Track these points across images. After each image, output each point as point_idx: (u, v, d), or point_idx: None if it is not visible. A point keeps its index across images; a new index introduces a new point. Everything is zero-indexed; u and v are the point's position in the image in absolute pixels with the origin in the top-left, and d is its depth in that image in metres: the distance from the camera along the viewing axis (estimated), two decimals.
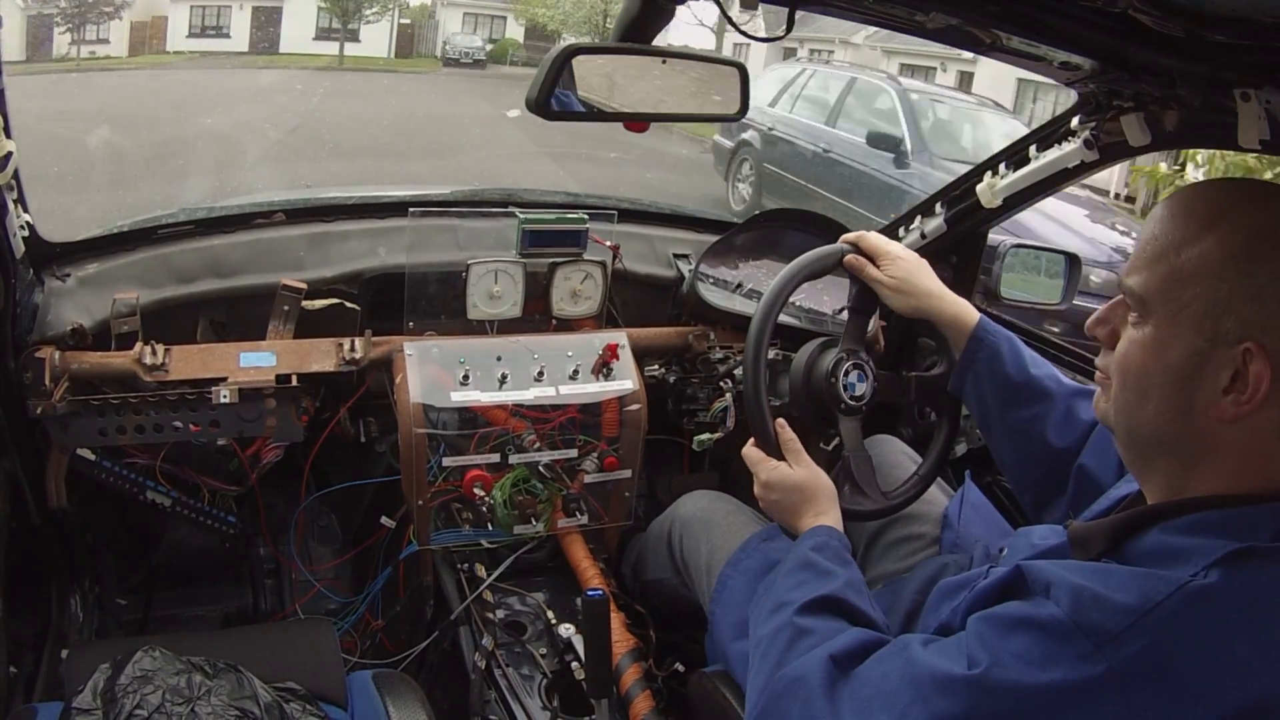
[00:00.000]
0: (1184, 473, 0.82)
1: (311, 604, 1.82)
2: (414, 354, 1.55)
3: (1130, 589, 0.75)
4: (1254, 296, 0.75)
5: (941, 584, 1.11)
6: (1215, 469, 0.80)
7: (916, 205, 1.86)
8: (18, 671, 1.46)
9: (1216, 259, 0.77)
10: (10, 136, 1.25)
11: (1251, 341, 0.75)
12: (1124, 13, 0.94)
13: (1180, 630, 0.73)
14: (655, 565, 1.56)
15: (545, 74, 1.06)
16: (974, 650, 0.80)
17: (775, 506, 1.25)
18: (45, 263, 1.46)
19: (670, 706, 1.43)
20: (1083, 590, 0.76)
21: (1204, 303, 0.77)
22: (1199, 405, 0.78)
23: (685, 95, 1.19)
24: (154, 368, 1.44)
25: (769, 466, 1.26)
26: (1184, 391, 0.79)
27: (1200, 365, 0.78)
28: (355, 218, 1.70)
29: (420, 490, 1.54)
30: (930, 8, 1.07)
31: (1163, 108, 1.27)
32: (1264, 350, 0.74)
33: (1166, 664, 0.73)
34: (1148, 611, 0.73)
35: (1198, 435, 0.79)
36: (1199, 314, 0.78)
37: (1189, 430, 0.80)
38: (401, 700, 1.25)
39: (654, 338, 1.78)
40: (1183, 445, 0.81)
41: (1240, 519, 0.76)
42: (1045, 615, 0.77)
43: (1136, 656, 0.73)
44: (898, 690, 0.84)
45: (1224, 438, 0.78)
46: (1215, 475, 0.80)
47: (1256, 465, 0.78)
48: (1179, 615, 0.73)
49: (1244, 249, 0.76)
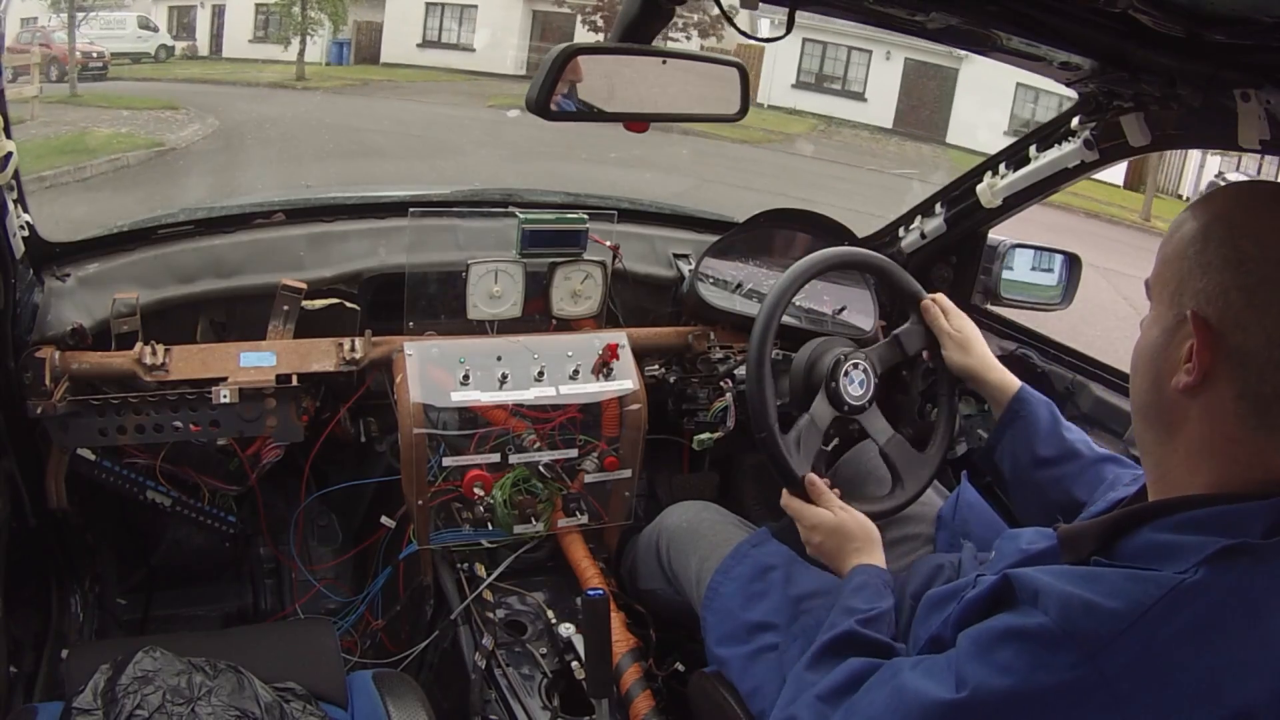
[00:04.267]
0: (1162, 451, 0.84)
1: (311, 604, 1.82)
2: (414, 354, 1.55)
3: (1120, 594, 0.75)
4: (1203, 269, 0.79)
5: (929, 595, 1.12)
6: (1190, 450, 0.81)
7: (916, 205, 1.86)
8: (18, 671, 1.46)
9: (1185, 239, 0.82)
10: (10, 136, 1.25)
11: (1191, 309, 0.79)
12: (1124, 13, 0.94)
13: (1173, 633, 0.73)
14: (647, 575, 1.57)
15: (545, 74, 1.06)
16: (962, 668, 0.81)
17: (821, 550, 1.30)
18: (45, 263, 1.46)
19: (670, 706, 1.43)
20: (1072, 598, 0.76)
21: (1175, 280, 0.82)
22: (1164, 375, 0.82)
23: (685, 96, 1.19)
24: (154, 368, 1.44)
25: (810, 513, 1.31)
26: (1155, 363, 0.83)
27: (1169, 339, 0.82)
28: (355, 218, 1.70)
29: (420, 490, 1.54)
30: (930, 8, 1.07)
31: (1163, 108, 1.27)
32: (1198, 318, 0.78)
33: (1161, 669, 0.73)
34: (1139, 616, 0.73)
35: (1167, 407, 0.82)
36: (1172, 291, 0.82)
37: (1160, 401, 0.83)
38: (401, 700, 1.25)
39: (654, 338, 1.78)
40: (1158, 418, 0.84)
41: (1230, 516, 0.77)
42: (1034, 625, 0.77)
43: (1129, 665, 0.73)
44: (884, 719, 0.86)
45: (1187, 412, 0.81)
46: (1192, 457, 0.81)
47: (1221, 449, 0.79)
48: (1170, 618, 0.73)
49: (1203, 229, 0.81)
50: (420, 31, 17.89)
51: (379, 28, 17.51)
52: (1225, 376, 0.78)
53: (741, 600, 1.30)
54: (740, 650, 1.25)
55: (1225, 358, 0.77)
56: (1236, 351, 0.77)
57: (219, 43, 16.57)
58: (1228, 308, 0.77)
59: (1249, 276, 0.77)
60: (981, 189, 1.67)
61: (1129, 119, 1.33)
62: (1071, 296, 1.87)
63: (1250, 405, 0.77)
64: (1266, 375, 0.76)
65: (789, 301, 1.39)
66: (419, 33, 17.86)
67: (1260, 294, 0.76)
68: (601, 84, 1.10)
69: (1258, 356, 0.76)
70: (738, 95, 1.19)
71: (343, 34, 16.75)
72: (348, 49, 17.02)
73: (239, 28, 16.61)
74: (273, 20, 16.13)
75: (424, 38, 17.94)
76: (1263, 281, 0.76)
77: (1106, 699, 0.73)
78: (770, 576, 1.31)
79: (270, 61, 15.08)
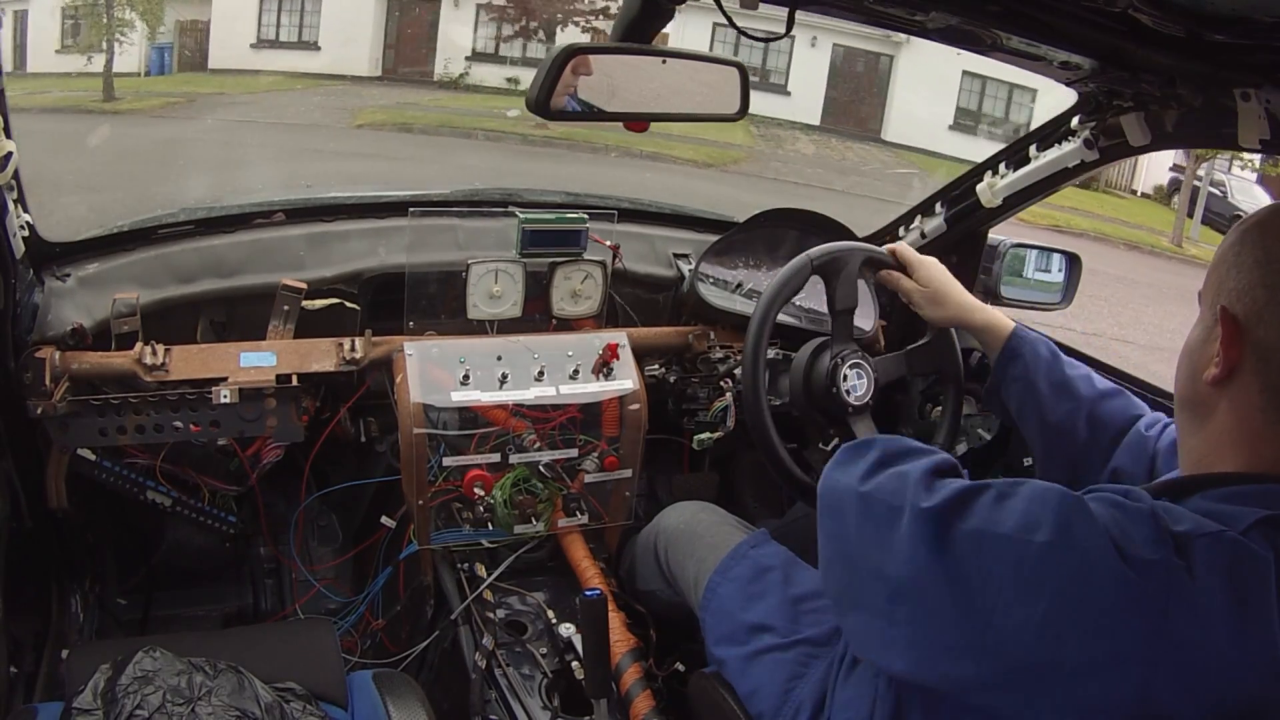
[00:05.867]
0: (1195, 440, 0.87)
1: (312, 604, 1.82)
2: (414, 354, 1.55)
3: (1184, 520, 0.77)
4: (1237, 270, 0.83)
5: None
6: (1219, 439, 0.84)
7: (916, 205, 1.86)
8: (18, 671, 1.46)
9: (1227, 247, 0.87)
10: (10, 136, 1.25)
11: (1221, 305, 0.83)
12: (1124, 12, 0.94)
13: (1222, 569, 0.74)
14: (645, 576, 1.57)
15: (545, 74, 1.06)
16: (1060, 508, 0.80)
17: None
18: (45, 263, 1.46)
19: (670, 706, 1.43)
20: (1155, 505, 0.79)
21: (1215, 283, 0.86)
22: (1199, 369, 0.86)
23: (685, 95, 1.19)
24: (154, 368, 1.44)
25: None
26: (1193, 358, 0.87)
27: (1206, 335, 0.86)
28: (355, 217, 1.70)
29: (420, 490, 1.54)
30: (930, 7, 1.07)
31: (1163, 107, 1.27)
32: (1226, 313, 0.82)
33: (1207, 591, 0.74)
34: (1201, 535, 0.75)
35: (1201, 399, 0.86)
36: (1212, 293, 0.86)
37: (1195, 393, 0.87)
38: (402, 700, 1.25)
39: (654, 337, 1.78)
40: (1193, 409, 0.88)
41: (1270, 493, 0.80)
42: (1130, 501, 0.79)
43: (1186, 569, 0.74)
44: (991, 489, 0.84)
45: (1217, 404, 0.84)
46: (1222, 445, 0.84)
47: (1246, 440, 0.82)
48: (1223, 556, 0.75)
49: (1241, 236, 0.85)
50: (255, 29, 14.96)
51: (205, 27, 14.27)
52: (1250, 370, 0.81)
53: (740, 601, 1.29)
54: (739, 651, 1.25)
55: (1250, 352, 0.81)
56: (1259, 346, 0.80)
57: (23, 54, 12.25)
58: (1253, 304, 0.81)
59: (1273, 275, 0.80)
60: (981, 188, 1.67)
61: (1129, 119, 1.33)
62: (1072, 296, 1.87)
63: (1272, 398, 0.80)
64: None
65: (787, 297, 1.38)
66: (253, 31, 14.96)
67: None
68: (601, 83, 1.10)
69: (1277, 350, 0.79)
70: (738, 95, 1.20)
71: (163, 37, 13.71)
72: (169, 55, 13.90)
73: (45, 35, 12.74)
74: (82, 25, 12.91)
75: (259, 36, 15.04)
76: None
77: (1160, 584, 0.73)
78: (769, 577, 1.31)
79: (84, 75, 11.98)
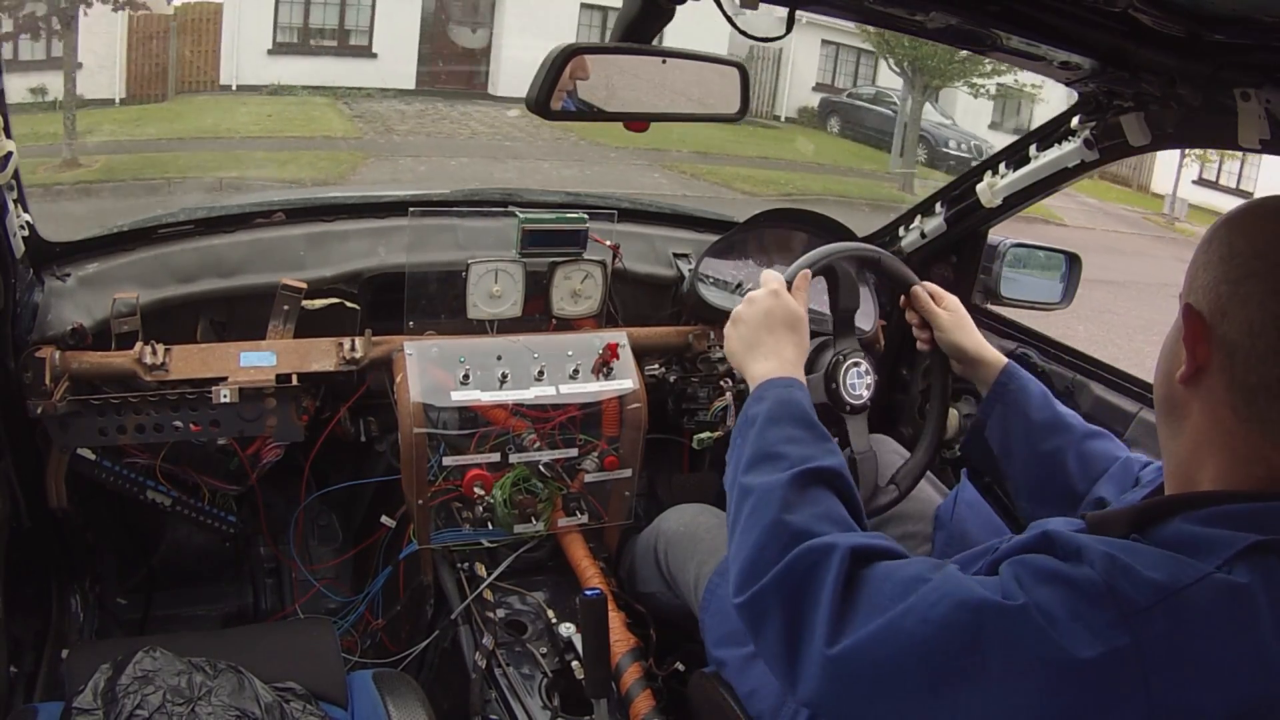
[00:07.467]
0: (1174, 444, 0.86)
1: (311, 603, 1.82)
2: (414, 354, 1.55)
3: (1159, 567, 0.75)
4: (1204, 267, 0.83)
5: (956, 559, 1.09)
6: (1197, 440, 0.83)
7: (916, 204, 1.86)
8: (18, 671, 1.46)
9: (1200, 246, 0.86)
10: (10, 136, 1.25)
11: (1187, 302, 0.83)
12: (1124, 12, 0.94)
13: (1204, 617, 0.73)
14: (645, 579, 1.57)
15: (545, 73, 1.06)
16: (1008, 587, 0.78)
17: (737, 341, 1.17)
18: (45, 263, 1.46)
19: (670, 706, 1.43)
20: (1115, 560, 0.76)
21: (1189, 280, 0.85)
22: (1172, 369, 0.85)
23: (685, 95, 1.19)
24: (154, 367, 1.44)
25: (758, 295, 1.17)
26: (1167, 359, 0.87)
27: (1178, 335, 0.85)
28: (355, 217, 1.70)
29: (420, 490, 1.54)
30: (930, 8, 1.07)
31: (1163, 107, 1.27)
32: (1191, 310, 0.82)
33: (1189, 649, 0.73)
34: (1176, 592, 0.73)
35: (1175, 400, 0.85)
36: (1185, 293, 0.85)
37: (1170, 394, 0.86)
38: (402, 700, 1.26)
39: (654, 337, 1.78)
40: (1168, 410, 0.87)
41: (1257, 514, 0.78)
42: (1080, 575, 0.76)
43: (1161, 636, 0.73)
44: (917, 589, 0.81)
45: (1190, 404, 0.83)
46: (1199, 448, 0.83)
47: (1220, 440, 0.81)
48: (1203, 603, 0.73)
49: (1211, 233, 0.85)
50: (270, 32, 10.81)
51: None
52: (1218, 368, 0.80)
53: None
54: (739, 652, 1.25)
55: (1216, 348, 0.80)
56: (1224, 342, 0.80)
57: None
58: (1217, 300, 0.80)
59: (1237, 269, 0.80)
60: (981, 188, 1.67)
61: (1129, 119, 1.33)
62: (1072, 296, 1.87)
63: (1240, 396, 0.79)
64: (1251, 365, 0.78)
65: None
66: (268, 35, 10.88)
67: (1244, 286, 0.79)
68: (601, 83, 1.10)
69: (1241, 346, 0.79)
70: (738, 95, 1.19)
71: None
72: None
73: None
74: None
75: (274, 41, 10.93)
76: (1248, 274, 0.79)
77: (1134, 667, 0.72)
78: None
79: None
